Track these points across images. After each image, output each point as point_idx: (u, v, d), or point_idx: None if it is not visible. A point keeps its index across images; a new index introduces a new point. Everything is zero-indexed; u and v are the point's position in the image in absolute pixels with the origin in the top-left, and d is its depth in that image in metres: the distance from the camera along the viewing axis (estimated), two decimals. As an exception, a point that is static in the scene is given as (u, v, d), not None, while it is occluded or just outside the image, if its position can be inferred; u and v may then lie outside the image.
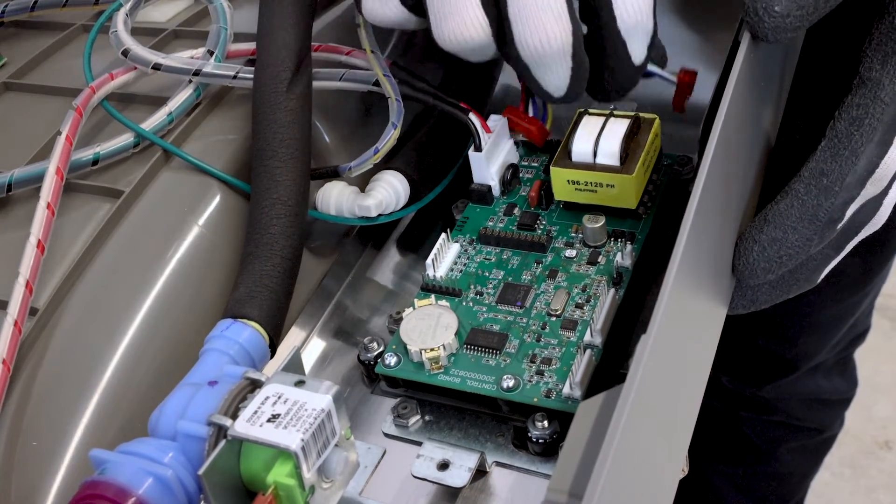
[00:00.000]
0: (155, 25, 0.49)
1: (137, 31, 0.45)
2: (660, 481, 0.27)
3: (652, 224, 0.37)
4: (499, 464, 0.33)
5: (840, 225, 0.30)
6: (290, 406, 0.27)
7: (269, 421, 0.26)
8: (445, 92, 0.39)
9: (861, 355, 0.80)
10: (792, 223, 0.30)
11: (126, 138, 0.39)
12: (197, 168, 0.39)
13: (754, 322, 0.54)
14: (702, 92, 0.40)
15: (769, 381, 0.74)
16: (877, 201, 0.31)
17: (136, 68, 0.42)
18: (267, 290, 0.33)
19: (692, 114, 0.40)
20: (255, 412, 0.27)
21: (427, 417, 0.34)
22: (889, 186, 0.31)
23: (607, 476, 0.22)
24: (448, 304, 0.35)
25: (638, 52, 0.32)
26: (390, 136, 0.37)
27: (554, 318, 0.34)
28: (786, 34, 0.28)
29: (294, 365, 0.29)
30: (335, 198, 0.39)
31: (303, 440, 0.26)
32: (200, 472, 0.26)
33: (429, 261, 0.37)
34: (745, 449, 0.81)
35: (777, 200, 0.30)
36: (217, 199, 0.38)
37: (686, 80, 0.37)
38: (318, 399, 0.27)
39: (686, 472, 0.31)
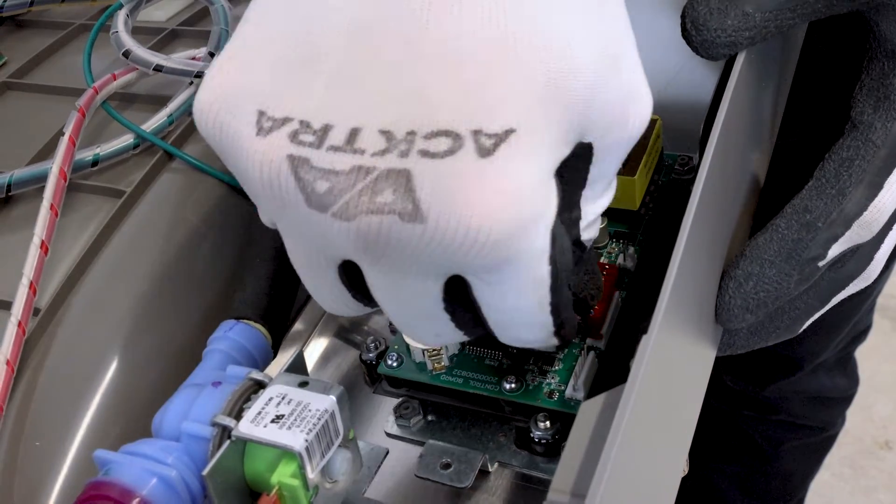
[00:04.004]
0: (155, 25, 0.49)
1: (138, 31, 0.45)
2: (662, 481, 0.28)
3: (653, 225, 0.37)
4: (501, 464, 0.33)
5: (822, 263, 0.29)
6: (293, 407, 0.27)
7: (272, 422, 0.26)
8: None
9: (861, 355, 0.80)
10: (769, 257, 0.29)
11: (126, 139, 0.39)
12: (197, 169, 0.39)
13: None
14: (702, 92, 0.40)
15: (773, 381, 0.74)
16: (867, 254, 0.30)
17: (137, 69, 0.42)
18: (271, 293, 0.33)
19: (693, 113, 0.40)
20: (259, 413, 0.27)
21: (429, 417, 0.34)
22: (880, 241, 0.30)
23: (609, 476, 0.22)
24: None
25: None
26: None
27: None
28: (718, 50, 0.28)
29: (297, 366, 0.29)
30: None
31: (307, 441, 0.26)
32: (204, 472, 0.26)
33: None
34: (747, 448, 0.81)
35: (756, 236, 0.29)
36: (218, 199, 0.38)
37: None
38: (322, 400, 0.27)
39: (686, 472, 0.31)
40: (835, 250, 0.29)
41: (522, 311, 0.25)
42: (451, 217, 0.21)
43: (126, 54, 0.42)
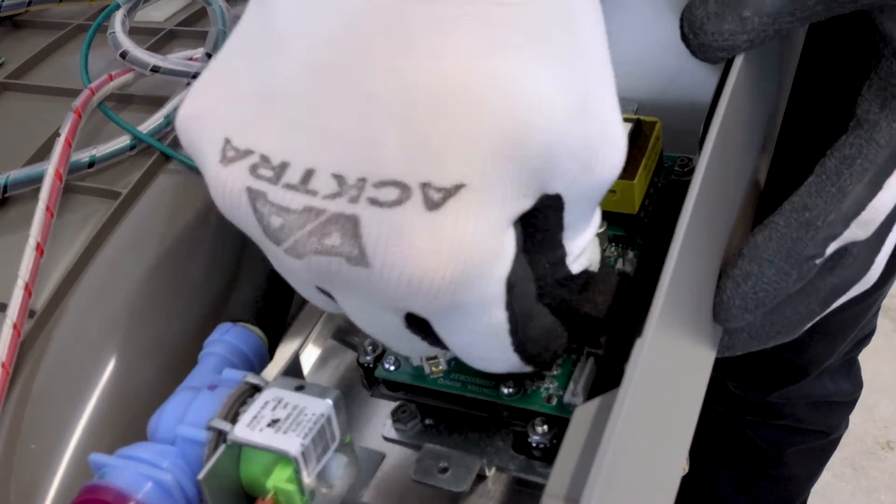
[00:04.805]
0: (153, 25, 0.49)
1: (135, 31, 0.45)
2: (659, 484, 0.27)
3: (653, 228, 0.37)
4: (499, 468, 0.32)
5: (819, 261, 0.29)
6: (290, 411, 0.27)
7: (268, 426, 0.26)
8: None
9: (863, 356, 0.80)
10: (768, 256, 0.28)
11: (123, 140, 0.39)
12: (194, 170, 0.39)
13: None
14: (702, 93, 0.40)
15: (778, 387, 0.73)
16: (868, 258, 0.30)
17: (134, 69, 0.42)
18: (267, 295, 0.33)
19: (692, 114, 0.40)
20: (255, 417, 0.27)
21: (427, 421, 0.34)
22: (881, 243, 0.30)
23: (604, 480, 0.21)
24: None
25: None
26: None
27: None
28: (715, 53, 0.28)
29: (294, 369, 0.29)
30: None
31: (303, 445, 0.26)
32: (200, 476, 0.26)
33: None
34: (750, 453, 0.81)
35: (754, 233, 0.29)
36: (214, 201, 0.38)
37: None
38: (319, 404, 0.27)
39: (687, 471, 0.31)
40: (832, 248, 0.29)
41: (483, 349, 0.26)
42: (394, 266, 0.22)
43: (123, 55, 0.42)
